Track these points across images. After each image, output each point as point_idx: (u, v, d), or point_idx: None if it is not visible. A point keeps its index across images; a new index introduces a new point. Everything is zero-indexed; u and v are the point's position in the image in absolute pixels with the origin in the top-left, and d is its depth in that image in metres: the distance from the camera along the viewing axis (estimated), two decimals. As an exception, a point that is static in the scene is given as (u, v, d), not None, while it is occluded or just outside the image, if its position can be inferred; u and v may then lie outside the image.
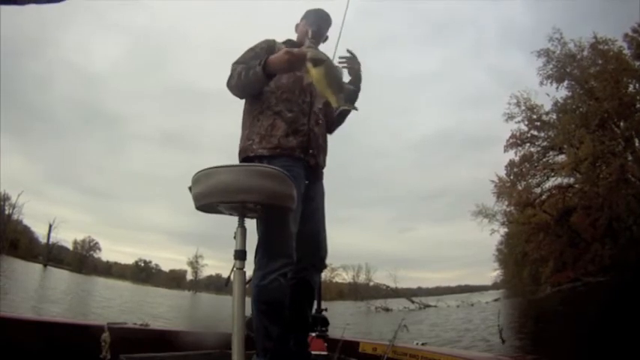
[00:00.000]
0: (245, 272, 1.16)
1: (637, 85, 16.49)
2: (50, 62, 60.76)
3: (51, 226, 39.22)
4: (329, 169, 1.70)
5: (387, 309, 20.75)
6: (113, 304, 11.39)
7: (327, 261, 1.64)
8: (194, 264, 51.62)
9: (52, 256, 40.27)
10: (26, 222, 37.82)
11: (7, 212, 34.09)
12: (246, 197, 1.11)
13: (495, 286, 34.44)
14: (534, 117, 18.77)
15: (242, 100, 1.63)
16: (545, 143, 18.76)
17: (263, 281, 1.38)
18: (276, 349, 1.37)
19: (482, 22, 66.51)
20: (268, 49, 1.58)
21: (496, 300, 22.12)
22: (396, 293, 29.65)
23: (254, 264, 1.44)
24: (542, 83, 18.29)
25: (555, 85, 18.08)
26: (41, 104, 59.44)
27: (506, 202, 19.90)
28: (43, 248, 39.99)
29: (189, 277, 52.51)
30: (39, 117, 60.62)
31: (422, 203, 74.73)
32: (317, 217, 1.60)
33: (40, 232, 39.94)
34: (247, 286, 1.25)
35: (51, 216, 43.15)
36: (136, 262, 51.85)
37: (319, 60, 1.32)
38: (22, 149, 57.53)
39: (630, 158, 16.16)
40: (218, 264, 51.90)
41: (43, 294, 10.48)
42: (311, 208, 1.56)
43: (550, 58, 18.11)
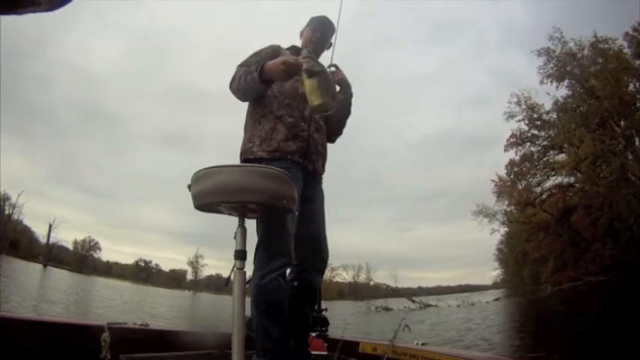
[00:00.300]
0: (245, 272, 1.15)
1: (637, 84, 16.49)
2: (51, 62, 60.89)
3: (51, 226, 39.37)
4: (329, 169, 1.71)
5: (388, 308, 20.78)
6: (114, 304, 11.41)
7: (328, 261, 1.65)
8: (194, 264, 51.79)
9: (52, 256, 40.30)
10: (26, 222, 37.99)
11: (7, 212, 34.15)
12: (246, 197, 1.10)
13: (495, 286, 34.50)
14: (535, 116, 18.77)
15: (244, 101, 1.64)
16: (545, 142, 18.76)
17: (262, 281, 1.38)
18: (276, 349, 1.38)
19: (483, 23, 66.70)
20: (273, 54, 1.59)
21: (496, 299, 22.14)
22: (396, 293, 29.69)
23: (254, 264, 1.44)
24: (542, 82, 18.32)
25: (556, 84, 18.10)
26: (42, 104, 59.61)
27: (506, 202, 19.95)
28: (43, 248, 40.00)
29: (189, 277, 52.72)
30: (39, 117, 60.77)
31: (422, 203, 74.86)
32: (317, 219, 1.61)
33: (40, 232, 40.10)
34: (247, 286, 1.25)
35: (51, 216, 43.32)
36: (136, 262, 52.08)
37: (314, 72, 1.34)
38: (22, 149, 57.62)
39: (631, 157, 16.16)
40: (218, 264, 52.03)
41: (43, 294, 10.47)
42: (310, 211, 1.57)
43: (550, 57, 18.12)
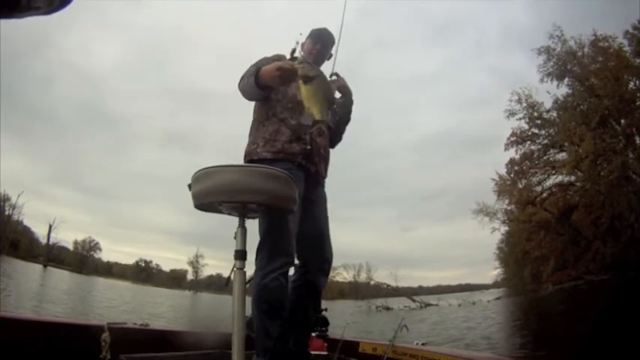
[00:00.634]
0: (245, 272, 1.15)
1: (637, 82, 16.46)
2: (51, 62, 60.80)
3: (51, 226, 39.34)
4: (330, 168, 1.73)
5: (388, 308, 20.77)
6: (114, 305, 11.42)
7: (332, 261, 1.65)
8: (194, 264, 51.76)
9: (52, 256, 40.26)
10: (27, 222, 37.94)
11: (7, 213, 34.13)
12: (247, 197, 1.10)
13: (496, 285, 34.44)
14: (535, 114, 18.74)
15: (244, 101, 1.66)
16: (545, 141, 18.72)
17: (264, 280, 1.39)
18: (276, 349, 1.38)
19: (483, 23, 66.60)
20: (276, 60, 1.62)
21: (497, 299, 22.12)
22: (396, 292, 29.70)
23: (255, 264, 1.45)
24: (542, 81, 18.28)
25: (556, 82, 18.07)
26: (42, 104, 59.52)
27: (507, 201, 19.93)
28: (44, 248, 39.95)
29: (189, 277, 52.68)
30: (40, 117, 60.70)
31: (422, 203, 74.73)
32: (320, 220, 1.63)
33: (40, 232, 40.05)
34: (247, 286, 1.25)
35: (51, 216, 43.15)
36: (137, 262, 52.03)
37: (309, 77, 1.35)
38: (22, 149, 57.63)
39: (631, 156, 16.13)
40: (219, 264, 52.04)
41: (43, 295, 10.47)
42: (314, 212, 1.59)
43: (550, 56, 18.08)
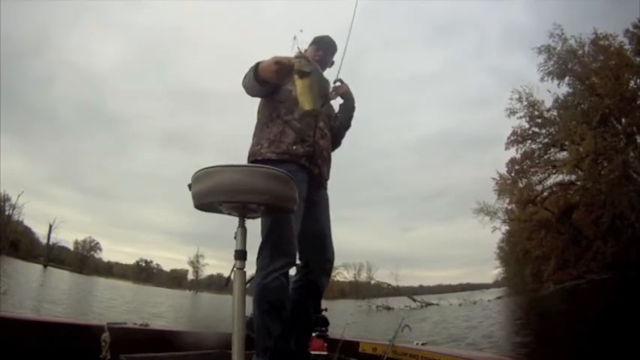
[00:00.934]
0: (245, 272, 1.14)
1: (638, 80, 16.43)
2: (51, 62, 60.84)
3: (51, 226, 39.30)
4: (331, 169, 1.72)
5: (389, 307, 20.75)
6: (115, 304, 11.44)
7: (334, 261, 1.65)
8: (195, 264, 51.78)
9: (52, 256, 40.22)
10: (27, 223, 37.96)
11: (7, 213, 34.11)
12: (247, 197, 1.09)
13: (497, 284, 34.45)
14: (536, 113, 18.71)
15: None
16: (546, 140, 18.70)
17: (265, 280, 1.39)
18: (276, 349, 1.37)
19: (484, 23, 66.57)
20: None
21: (498, 298, 22.11)
22: (397, 292, 29.66)
23: (256, 264, 1.45)
24: (543, 79, 18.27)
25: (556, 81, 18.06)
26: (42, 104, 59.55)
27: (507, 200, 19.92)
28: (44, 249, 39.92)
29: (190, 276, 52.73)
30: (40, 117, 60.77)
31: (423, 202, 74.67)
32: (322, 221, 1.64)
33: (40, 232, 40.04)
34: (247, 285, 1.24)
35: (51, 216, 42.99)
36: (137, 262, 52.03)
37: (305, 72, 1.36)
38: (22, 149, 57.67)
39: (632, 155, 16.10)
40: (219, 263, 52.01)
41: (43, 295, 10.47)
42: (316, 213, 1.60)
43: (551, 55, 18.06)
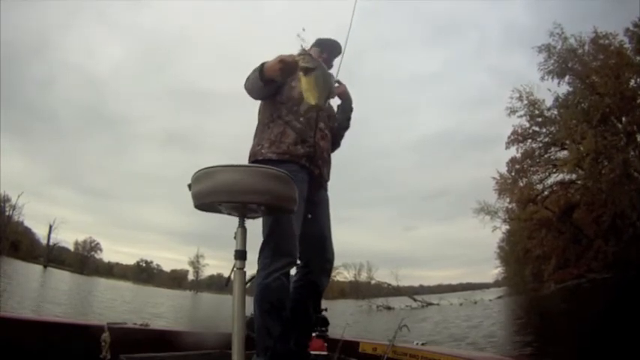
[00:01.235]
0: (245, 272, 1.14)
1: (638, 79, 16.42)
2: (52, 63, 60.78)
3: (51, 226, 39.08)
4: (331, 169, 1.72)
5: (389, 307, 20.70)
6: (115, 305, 11.44)
7: (333, 261, 1.66)
8: (195, 264, 51.75)
9: (52, 257, 40.10)
10: (27, 223, 37.80)
11: (7, 213, 34.00)
12: (247, 198, 1.09)
13: (497, 284, 34.45)
14: (536, 112, 18.70)
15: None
16: (547, 139, 18.69)
17: (266, 280, 1.39)
18: (277, 349, 1.38)
19: (484, 23, 66.57)
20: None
21: (499, 297, 22.08)
22: (397, 291, 29.60)
23: (257, 264, 1.45)
24: (543, 78, 18.27)
25: (557, 80, 18.05)
26: (43, 105, 59.58)
27: (508, 199, 19.92)
28: (44, 249, 39.79)
29: (190, 277, 52.72)
30: (40, 117, 60.79)
31: (423, 202, 74.68)
32: (322, 221, 1.64)
33: (41, 233, 39.87)
34: (247, 285, 1.24)
35: (52, 217, 42.84)
36: (138, 263, 51.99)
37: (309, 69, 1.38)
38: (23, 150, 57.72)
39: (632, 153, 16.09)
40: (219, 263, 51.98)
41: (44, 296, 10.46)
42: (316, 213, 1.60)
43: (551, 54, 18.05)
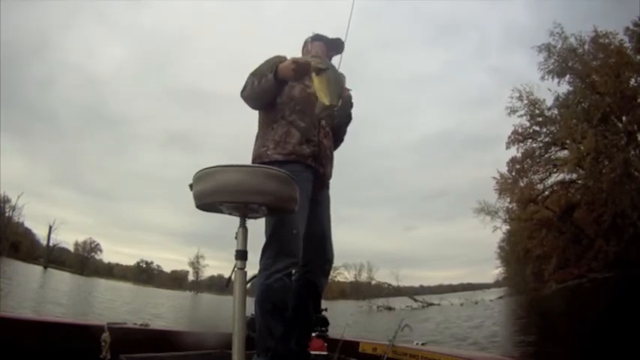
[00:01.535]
0: (246, 272, 1.14)
1: (638, 79, 16.41)
2: (53, 63, 60.80)
3: (51, 227, 38.93)
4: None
5: (390, 308, 20.67)
6: (115, 305, 11.45)
7: (333, 262, 1.66)
8: (195, 265, 51.73)
9: (52, 257, 40.03)
10: (27, 224, 37.76)
11: (7, 214, 33.92)
12: (249, 198, 1.10)
13: (497, 284, 34.46)
14: (536, 112, 18.69)
15: (254, 108, 1.66)
16: (547, 139, 18.68)
17: (268, 280, 1.39)
18: (278, 349, 1.37)
19: (484, 23, 66.65)
20: (278, 63, 1.62)
21: (500, 298, 22.06)
22: (398, 292, 29.59)
23: (259, 264, 1.45)
24: (543, 78, 18.27)
25: (557, 79, 18.05)
26: (43, 105, 59.60)
27: (508, 199, 19.91)
28: (44, 250, 39.70)
29: (190, 277, 52.69)
30: (40, 118, 60.82)
31: (423, 202, 74.64)
32: (323, 221, 1.64)
33: (41, 234, 39.78)
34: (248, 286, 1.24)
35: (52, 217, 42.75)
36: (138, 264, 51.92)
37: (321, 69, 1.41)
38: (23, 150, 57.79)
39: (633, 153, 16.08)
40: (220, 264, 51.92)
41: (44, 297, 10.46)
42: (318, 213, 1.60)
43: (551, 53, 18.05)
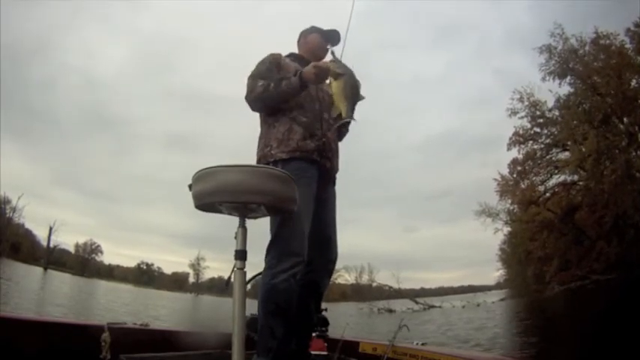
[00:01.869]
0: (246, 272, 1.14)
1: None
2: (54, 65, 61.16)
3: (51, 228, 38.75)
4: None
5: (391, 310, 20.61)
6: (115, 307, 11.44)
7: (336, 261, 1.64)
8: (196, 266, 51.65)
9: (53, 259, 39.92)
10: (28, 225, 37.58)
11: (8, 215, 33.74)
12: (248, 198, 1.10)
13: (499, 286, 34.30)
14: (537, 113, 18.64)
15: (260, 111, 1.64)
16: (548, 140, 18.60)
17: (273, 280, 1.37)
18: (278, 349, 1.36)
19: (485, 25, 66.79)
20: (274, 61, 1.63)
21: (502, 300, 21.98)
22: (399, 294, 29.55)
23: (264, 263, 1.44)
24: (544, 79, 18.18)
25: (558, 81, 17.95)
26: (44, 107, 59.93)
27: (509, 201, 19.83)
28: (45, 251, 39.54)
29: (191, 279, 52.64)
30: (42, 119, 61.02)
31: (425, 203, 74.62)
32: (329, 219, 1.62)
33: (42, 235, 39.62)
34: (248, 286, 1.24)
35: (52, 219, 42.65)
36: (138, 265, 51.88)
37: (339, 74, 1.44)
38: (24, 152, 57.93)
39: (634, 154, 16.03)
40: (220, 266, 51.87)
41: (44, 298, 10.45)
42: (324, 211, 1.58)
43: (552, 54, 17.98)
